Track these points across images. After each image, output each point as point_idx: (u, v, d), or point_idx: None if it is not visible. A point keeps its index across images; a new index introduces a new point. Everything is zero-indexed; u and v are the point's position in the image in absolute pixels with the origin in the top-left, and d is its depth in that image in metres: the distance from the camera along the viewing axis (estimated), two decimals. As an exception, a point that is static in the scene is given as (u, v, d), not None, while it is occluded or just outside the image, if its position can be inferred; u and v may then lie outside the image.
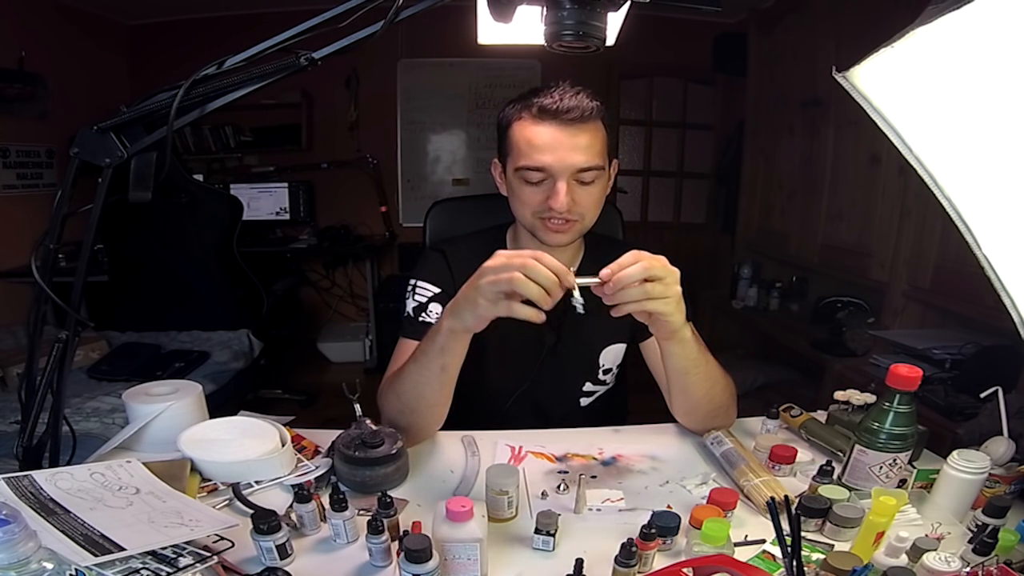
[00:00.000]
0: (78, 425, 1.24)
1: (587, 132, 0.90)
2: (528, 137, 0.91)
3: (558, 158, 0.90)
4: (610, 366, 1.12)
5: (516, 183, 0.95)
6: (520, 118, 0.93)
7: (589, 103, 0.90)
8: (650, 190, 3.97)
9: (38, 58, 2.84)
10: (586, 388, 1.13)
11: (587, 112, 0.89)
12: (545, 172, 0.91)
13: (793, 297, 2.84)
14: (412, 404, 0.89)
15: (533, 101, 0.91)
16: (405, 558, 0.58)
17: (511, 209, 1.01)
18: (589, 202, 0.94)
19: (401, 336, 1.04)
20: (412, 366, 0.88)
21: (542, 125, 0.90)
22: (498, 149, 1.00)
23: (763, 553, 0.69)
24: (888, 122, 0.53)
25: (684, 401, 0.95)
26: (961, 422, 1.46)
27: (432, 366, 0.85)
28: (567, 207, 0.91)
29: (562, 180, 0.90)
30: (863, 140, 2.29)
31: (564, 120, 0.89)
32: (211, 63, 0.66)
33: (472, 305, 0.76)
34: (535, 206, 0.94)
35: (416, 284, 1.06)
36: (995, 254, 0.53)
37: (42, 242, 0.70)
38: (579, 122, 0.89)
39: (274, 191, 3.49)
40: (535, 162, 0.91)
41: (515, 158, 0.94)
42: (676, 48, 3.56)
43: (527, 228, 0.99)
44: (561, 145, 0.89)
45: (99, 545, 0.56)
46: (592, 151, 0.91)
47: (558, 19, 0.64)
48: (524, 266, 0.72)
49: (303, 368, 3.46)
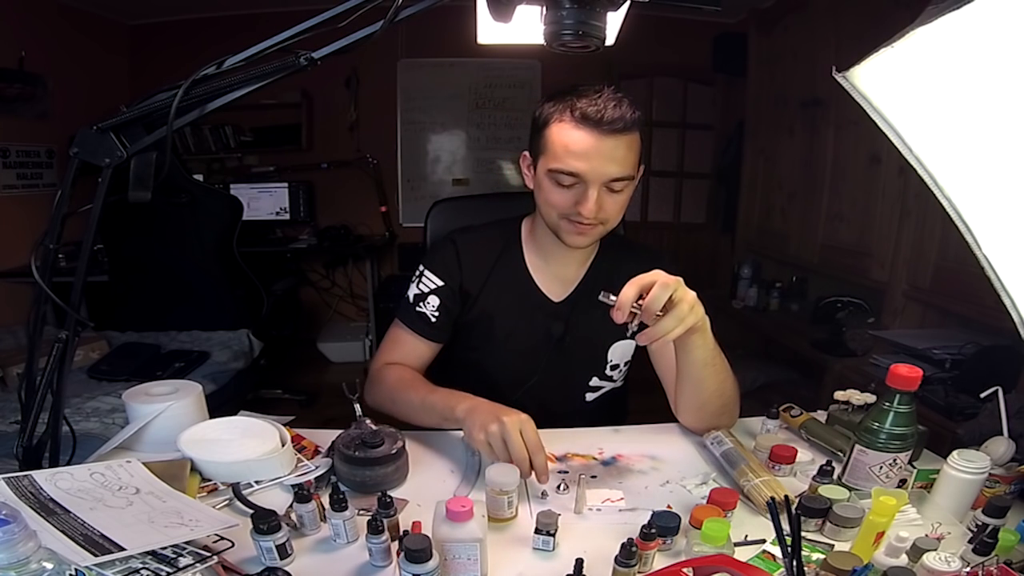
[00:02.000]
0: (78, 425, 1.24)
1: (624, 143, 0.90)
2: (566, 142, 0.90)
3: (593, 167, 0.90)
4: (618, 362, 1.12)
5: (547, 182, 0.95)
6: (560, 120, 0.91)
7: (632, 115, 0.89)
8: (650, 190, 3.97)
9: (38, 58, 2.84)
10: (592, 383, 1.13)
11: (628, 124, 0.89)
12: (578, 178, 0.91)
13: (793, 297, 2.84)
14: (397, 415, 0.99)
15: (577, 104, 0.89)
16: (405, 558, 0.58)
17: (536, 204, 1.01)
18: (615, 208, 0.95)
19: (397, 318, 1.08)
20: (416, 402, 0.96)
21: (581, 131, 0.89)
22: (530, 142, 1.00)
23: (763, 553, 0.69)
24: (888, 122, 0.53)
25: (696, 396, 0.95)
26: (961, 422, 1.46)
27: (431, 421, 0.95)
28: (595, 214, 0.92)
29: (594, 188, 0.91)
30: (863, 140, 2.29)
31: (605, 130, 0.88)
32: (211, 63, 0.66)
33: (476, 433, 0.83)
34: (563, 208, 0.95)
35: (423, 272, 1.08)
36: (995, 254, 0.53)
37: (42, 242, 0.70)
38: (619, 133, 0.89)
39: (274, 191, 3.49)
40: (570, 167, 0.90)
41: (549, 158, 0.93)
42: (676, 48, 3.56)
43: (551, 227, 1.00)
44: (598, 154, 0.89)
45: (99, 545, 0.56)
46: (627, 162, 0.91)
47: (558, 19, 0.64)
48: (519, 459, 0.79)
49: (303, 368, 3.46)
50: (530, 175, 1.02)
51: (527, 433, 0.80)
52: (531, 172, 1.01)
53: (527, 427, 0.81)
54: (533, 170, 1.00)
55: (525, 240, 1.10)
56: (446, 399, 0.92)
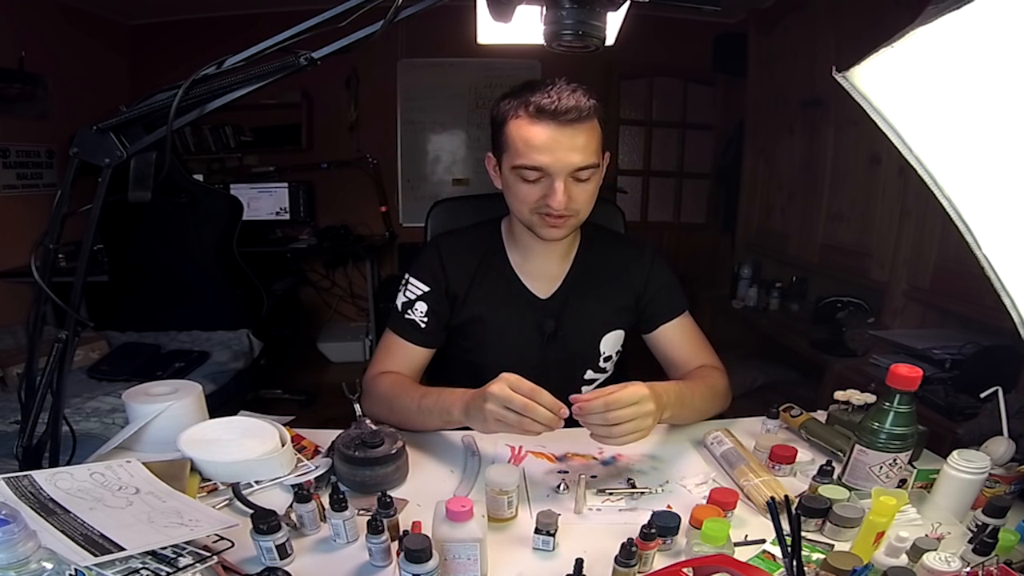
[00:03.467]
0: (78, 425, 1.24)
1: (584, 132, 0.91)
2: (525, 137, 0.91)
3: (556, 159, 0.90)
4: (610, 353, 1.13)
5: (513, 180, 0.96)
6: (517, 116, 0.92)
7: (587, 102, 0.90)
8: (650, 190, 3.97)
9: (38, 58, 2.84)
10: (588, 376, 1.13)
11: (584, 112, 0.90)
12: (542, 171, 0.92)
13: (793, 297, 2.84)
14: (403, 424, 0.97)
15: (530, 100, 0.90)
16: (405, 558, 0.58)
17: (508, 204, 1.02)
18: (584, 198, 0.96)
19: (387, 327, 1.08)
20: (413, 407, 0.95)
21: (539, 125, 0.90)
22: (492, 143, 1.00)
23: (763, 553, 0.69)
24: (888, 122, 0.53)
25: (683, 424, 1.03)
26: (961, 422, 1.46)
27: (433, 425, 0.96)
28: (565, 206, 0.92)
29: (559, 180, 0.91)
30: (863, 140, 2.29)
31: (562, 121, 0.89)
32: (211, 63, 0.66)
33: (482, 421, 0.81)
34: (532, 203, 0.95)
35: (408, 279, 1.08)
36: (995, 254, 0.53)
37: (42, 242, 0.70)
38: (577, 122, 0.89)
39: (274, 191, 3.48)
40: (533, 161, 0.91)
41: (512, 156, 0.94)
42: (676, 48, 3.56)
43: (524, 223, 1.01)
44: (559, 146, 0.90)
45: (99, 545, 0.56)
46: (589, 150, 0.92)
47: (558, 19, 0.64)
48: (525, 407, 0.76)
49: (303, 368, 3.46)
50: (497, 176, 1.02)
51: (517, 387, 0.78)
52: (497, 173, 1.02)
53: (511, 382, 0.78)
54: (499, 170, 1.00)
55: (506, 240, 1.11)
56: (439, 402, 0.91)
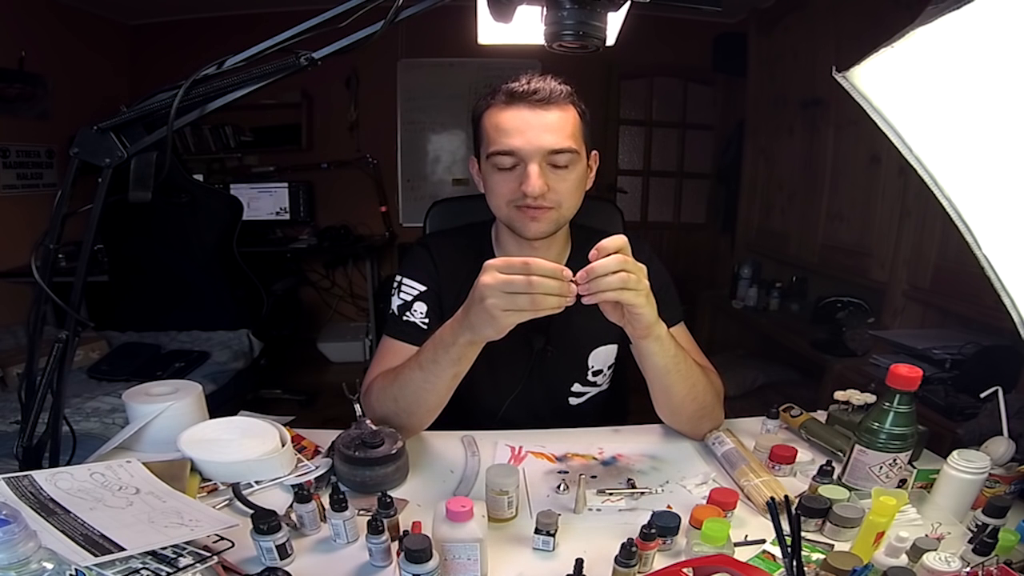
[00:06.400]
0: (78, 425, 1.24)
1: (556, 114, 0.90)
2: (497, 122, 0.91)
3: (527, 140, 0.89)
4: (600, 367, 1.10)
5: (489, 173, 0.94)
6: (490, 106, 0.93)
7: (558, 86, 0.90)
8: (650, 190, 3.97)
9: (38, 58, 2.84)
10: (575, 389, 1.11)
11: (555, 93, 0.89)
12: (516, 156, 0.90)
13: (793, 297, 2.84)
14: (411, 408, 0.89)
15: (503, 88, 0.92)
16: (405, 558, 0.58)
17: (489, 205, 0.98)
18: (565, 189, 0.92)
19: (385, 334, 1.04)
20: (416, 373, 0.87)
21: (511, 109, 0.90)
22: (474, 145, 1.00)
23: (763, 553, 0.69)
24: (888, 122, 0.53)
25: (668, 401, 0.94)
26: (961, 422, 1.46)
27: (444, 375, 0.85)
28: (540, 191, 0.89)
29: (533, 163, 0.89)
30: (863, 140, 2.29)
31: (532, 101, 0.89)
32: (211, 63, 0.66)
33: (491, 320, 0.74)
34: (509, 195, 0.92)
35: (402, 281, 1.05)
36: (995, 254, 0.53)
37: (42, 242, 0.70)
38: (547, 103, 0.89)
39: (274, 191, 3.49)
40: (504, 146, 0.90)
41: (487, 146, 0.93)
42: (676, 48, 3.56)
43: (504, 221, 0.98)
44: (530, 127, 0.89)
45: (99, 545, 0.56)
46: (563, 132, 0.90)
47: (558, 19, 0.64)
48: (531, 284, 0.70)
49: (303, 368, 3.46)
50: (480, 179, 1.00)
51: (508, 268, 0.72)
52: (480, 176, 1.00)
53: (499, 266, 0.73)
54: (480, 171, 0.99)
55: (495, 246, 1.07)
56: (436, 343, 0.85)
